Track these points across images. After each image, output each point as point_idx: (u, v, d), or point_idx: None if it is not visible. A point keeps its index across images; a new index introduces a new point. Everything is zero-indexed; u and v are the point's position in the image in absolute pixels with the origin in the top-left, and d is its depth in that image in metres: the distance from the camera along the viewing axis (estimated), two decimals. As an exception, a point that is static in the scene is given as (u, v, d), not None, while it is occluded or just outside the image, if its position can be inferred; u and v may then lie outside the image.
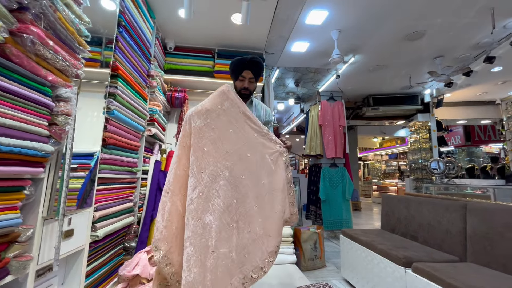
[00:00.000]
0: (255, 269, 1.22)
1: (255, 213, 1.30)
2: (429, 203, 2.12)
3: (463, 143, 8.65)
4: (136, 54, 2.09)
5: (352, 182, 4.27)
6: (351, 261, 2.32)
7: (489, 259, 1.57)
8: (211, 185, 1.29)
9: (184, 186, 1.34)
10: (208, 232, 1.21)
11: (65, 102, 1.12)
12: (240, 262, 1.21)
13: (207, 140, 1.37)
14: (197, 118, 1.39)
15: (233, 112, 1.42)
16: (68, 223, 1.32)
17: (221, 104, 1.42)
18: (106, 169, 1.70)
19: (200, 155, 1.34)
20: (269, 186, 1.36)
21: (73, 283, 1.45)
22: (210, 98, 1.45)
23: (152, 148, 2.77)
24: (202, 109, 1.41)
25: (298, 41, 3.32)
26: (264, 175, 1.38)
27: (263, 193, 1.35)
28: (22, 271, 1.00)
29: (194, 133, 1.38)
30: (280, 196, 1.35)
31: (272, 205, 1.33)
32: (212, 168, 1.32)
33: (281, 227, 1.31)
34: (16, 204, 0.97)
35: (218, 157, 1.35)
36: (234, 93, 1.46)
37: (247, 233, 1.26)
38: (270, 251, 1.24)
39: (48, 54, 1.00)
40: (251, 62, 1.51)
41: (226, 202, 1.28)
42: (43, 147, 1.00)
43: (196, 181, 1.29)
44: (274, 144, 1.44)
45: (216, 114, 1.41)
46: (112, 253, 1.88)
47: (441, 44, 3.38)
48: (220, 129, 1.39)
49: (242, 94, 1.56)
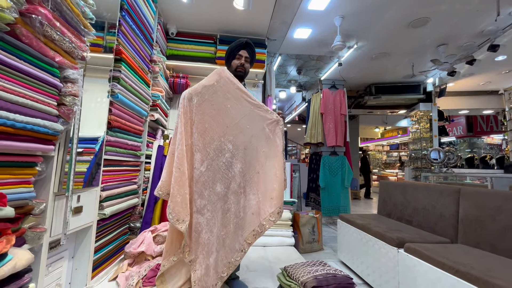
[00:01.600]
0: (260, 225, 1.39)
1: (259, 179, 1.47)
2: (425, 189, 2.17)
3: (465, 133, 8.63)
4: (138, 39, 2.11)
5: (352, 170, 4.33)
6: (348, 244, 2.41)
7: (478, 240, 1.64)
8: (218, 158, 1.45)
9: (186, 161, 1.45)
10: (221, 198, 1.43)
11: (72, 83, 1.16)
12: (248, 220, 1.42)
13: (207, 116, 1.47)
14: (195, 96, 1.49)
15: (229, 88, 1.53)
16: (77, 200, 1.39)
17: (217, 82, 1.52)
18: (111, 151, 1.75)
19: (203, 131, 1.46)
20: (269, 154, 1.50)
21: (83, 257, 1.54)
22: (206, 78, 1.57)
23: (155, 133, 2.82)
24: (199, 87, 1.51)
25: (301, 27, 3.29)
26: (264, 144, 1.51)
27: (263, 161, 1.49)
28: (37, 241, 1.07)
29: (194, 110, 1.47)
30: (279, 163, 1.48)
31: (273, 171, 1.47)
32: (217, 143, 1.46)
33: (282, 190, 1.44)
34: (29, 179, 1.03)
35: (220, 132, 1.47)
36: (228, 72, 1.58)
37: (253, 195, 1.44)
38: (272, 211, 1.40)
39: (55, 35, 1.03)
40: (247, 43, 1.69)
41: (232, 172, 1.45)
42: (53, 125, 1.05)
43: (203, 156, 1.45)
44: (270, 114, 1.55)
45: (213, 90, 1.51)
46: (119, 231, 1.97)
47: (445, 32, 3.34)
48: (219, 104, 1.50)
49: (238, 73, 1.68)
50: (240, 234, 1.40)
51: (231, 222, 1.42)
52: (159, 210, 2.36)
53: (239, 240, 1.40)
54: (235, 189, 1.45)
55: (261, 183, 1.46)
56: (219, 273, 1.38)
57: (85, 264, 1.53)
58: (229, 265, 1.39)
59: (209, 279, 1.38)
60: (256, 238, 1.39)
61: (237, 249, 1.39)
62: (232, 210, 1.43)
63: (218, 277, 1.38)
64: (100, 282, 1.65)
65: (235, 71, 1.67)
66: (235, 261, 1.39)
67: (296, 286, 1.39)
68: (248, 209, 1.43)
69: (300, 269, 1.46)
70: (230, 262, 1.38)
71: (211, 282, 1.37)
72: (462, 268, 1.26)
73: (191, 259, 1.41)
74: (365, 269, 2.07)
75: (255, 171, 1.48)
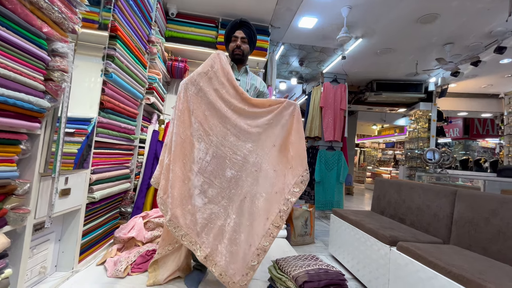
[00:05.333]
0: (285, 202, 1.33)
1: (274, 152, 1.41)
2: (420, 188, 2.16)
3: (461, 135, 8.69)
4: (136, 16, 2.00)
5: (347, 165, 4.33)
6: (339, 239, 2.41)
7: (471, 242, 1.64)
8: (222, 144, 1.39)
9: (182, 154, 1.39)
10: (234, 183, 1.37)
11: (61, 58, 1.08)
12: (272, 200, 1.35)
13: (205, 104, 1.41)
14: (191, 85, 1.43)
15: (220, 75, 1.45)
16: (65, 182, 1.34)
17: (211, 67, 1.45)
18: (103, 133, 1.69)
19: (204, 120, 1.40)
20: (277, 123, 1.44)
21: (70, 240, 1.50)
22: (202, 64, 1.49)
23: (150, 117, 2.74)
24: (194, 75, 1.45)
25: (306, 16, 3.18)
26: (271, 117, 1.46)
27: (277, 132, 1.43)
28: (19, 223, 1.02)
29: (191, 100, 1.41)
30: (289, 129, 1.43)
31: (288, 139, 1.42)
32: (219, 129, 1.40)
33: (300, 155, 1.38)
34: (12, 157, 0.97)
35: (220, 117, 1.41)
36: (223, 57, 1.49)
37: (273, 172, 1.38)
38: (294, 182, 1.35)
39: (43, 2, 0.95)
40: (241, 22, 1.57)
41: (241, 153, 1.39)
42: (38, 101, 0.98)
43: (207, 144, 1.39)
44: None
45: (207, 77, 1.44)
46: (108, 216, 1.92)
47: (453, 30, 3.27)
48: (223, 87, 1.43)
49: (236, 56, 1.59)
50: (266, 217, 1.32)
51: (254, 206, 1.34)
52: (151, 196, 2.32)
53: (265, 224, 1.31)
54: (250, 170, 1.38)
55: (278, 155, 1.39)
56: (248, 262, 1.29)
57: (72, 248, 1.49)
58: (258, 252, 1.29)
59: (237, 266, 1.29)
60: (284, 218, 1.30)
61: (265, 234, 1.29)
62: (251, 192, 1.36)
63: (248, 266, 1.29)
64: (87, 266, 1.62)
65: (232, 54, 1.59)
66: (264, 247, 1.29)
67: (287, 279, 1.38)
68: (271, 187, 1.36)
69: (292, 263, 1.45)
70: (258, 249, 1.29)
71: (240, 272, 1.28)
72: (455, 269, 1.25)
73: (206, 255, 1.31)
74: (356, 264, 2.08)
75: (271, 144, 1.40)
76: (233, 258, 1.30)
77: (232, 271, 1.29)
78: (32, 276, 1.27)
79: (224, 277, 1.29)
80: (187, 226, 1.33)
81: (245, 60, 1.64)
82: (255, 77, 1.72)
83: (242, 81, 1.63)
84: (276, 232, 1.30)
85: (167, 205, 1.34)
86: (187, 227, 1.33)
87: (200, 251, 1.32)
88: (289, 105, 1.45)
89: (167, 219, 1.32)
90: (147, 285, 1.44)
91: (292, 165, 1.36)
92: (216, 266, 1.31)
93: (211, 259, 1.32)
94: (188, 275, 1.55)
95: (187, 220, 1.34)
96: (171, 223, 1.32)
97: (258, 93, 1.70)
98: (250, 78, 1.67)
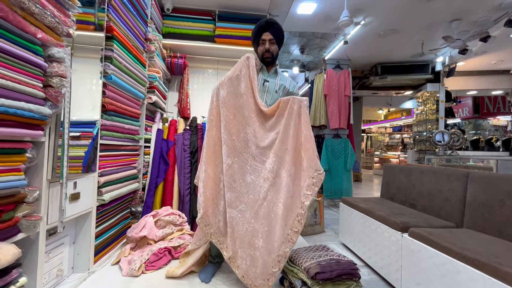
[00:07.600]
0: (302, 206, 1.31)
1: (289, 156, 1.38)
2: (431, 172, 2.12)
3: (470, 115, 8.45)
4: (131, 15, 1.96)
5: (354, 152, 4.27)
6: (349, 227, 2.40)
7: (485, 225, 1.60)
8: (245, 150, 1.44)
9: (214, 156, 1.49)
10: (253, 188, 1.38)
11: (58, 63, 1.07)
12: (289, 205, 1.33)
13: (233, 108, 1.46)
14: (221, 89, 1.49)
15: (247, 82, 1.49)
16: (74, 187, 1.35)
17: (240, 71, 1.48)
18: (107, 135, 1.69)
19: (228, 123, 1.45)
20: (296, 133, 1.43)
21: (84, 242, 1.53)
22: (233, 68, 1.53)
23: (154, 116, 2.74)
24: (225, 79, 1.50)
25: (305, 1, 3.07)
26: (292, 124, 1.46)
27: (290, 139, 1.41)
28: (32, 229, 1.04)
29: (221, 104, 1.48)
30: (298, 127, 1.41)
31: (297, 140, 1.41)
32: (243, 134, 1.44)
33: (310, 156, 1.34)
34: (19, 166, 0.98)
35: (245, 123, 1.45)
36: (252, 61, 1.50)
37: (288, 177, 1.37)
38: (307, 184, 1.32)
39: (34, 8, 0.93)
40: (267, 23, 1.55)
41: (261, 159, 1.42)
42: (39, 109, 0.98)
43: (229, 148, 1.43)
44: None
45: (237, 81, 1.48)
46: (120, 216, 1.95)
47: (460, 5, 3.11)
48: (246, 95, 1.47)
49: (265, 59, 1.59)
50: (284, 223, 1.31)
51: (271, 212, 1.35)
52: (160, 195, 2.34)
53: (284, 230, 1.30)
54: (267, 176, 1.38)
55: (292, 159, 1.37)
56: (269, 268, 1.30)
57: (87, 249, 1.53)
58: (278, 259, 1.29)
59: (257, 270, 1.32)
60: (302, 223, 1.29)
61: (284, 240, 1.29)
62: (268, 198, 1.36)
63: (269, 272, 1.30)
64: (102, 266, 1.66)
65: (262, 58, 1.58)
66: (284, 253, 1.29)
67: (299, 271, 1.38)
68: (287, 193, 1.34)
69: (303, 255, 1.45)
70: (279, 256, 1.29)
71: (261, 276, 1.31)
72: (469, 254, 1.23)
73: (230, 256, 1.41)
74: (367, 251, 2.07)
75: (285, 148, 1.39)
76: (254, 262, 1.35)
77: (253, 274, 1.34)
78: (50, 279, 1.31)
79: (246, 279, 1.36)
80: (216, 225, 1.45)
81: (275, 61, 1.63)
82: (285, 77, 1.70)
83: (271, 82, 1.61)
84: (295, 237, 1.30)
85: (200, 203, 1.46)
86: (216, 226, 1.45)
87: (226, 251, 1.42)
88: (293, 103, 1.41)
89: (199, 216, 1.45)
90: (178, 275, 1.53)
91: (304, 167, 1.35)
92: (238, 268, 1.38)
93: (234, 261, 1.40)
94: (202, 269, 1.61)
95: (217, 219, 1.45)
96: (202, 221, 1.44)
97: (287, 93, 1.65)
98: (279, 78, 1.65)
